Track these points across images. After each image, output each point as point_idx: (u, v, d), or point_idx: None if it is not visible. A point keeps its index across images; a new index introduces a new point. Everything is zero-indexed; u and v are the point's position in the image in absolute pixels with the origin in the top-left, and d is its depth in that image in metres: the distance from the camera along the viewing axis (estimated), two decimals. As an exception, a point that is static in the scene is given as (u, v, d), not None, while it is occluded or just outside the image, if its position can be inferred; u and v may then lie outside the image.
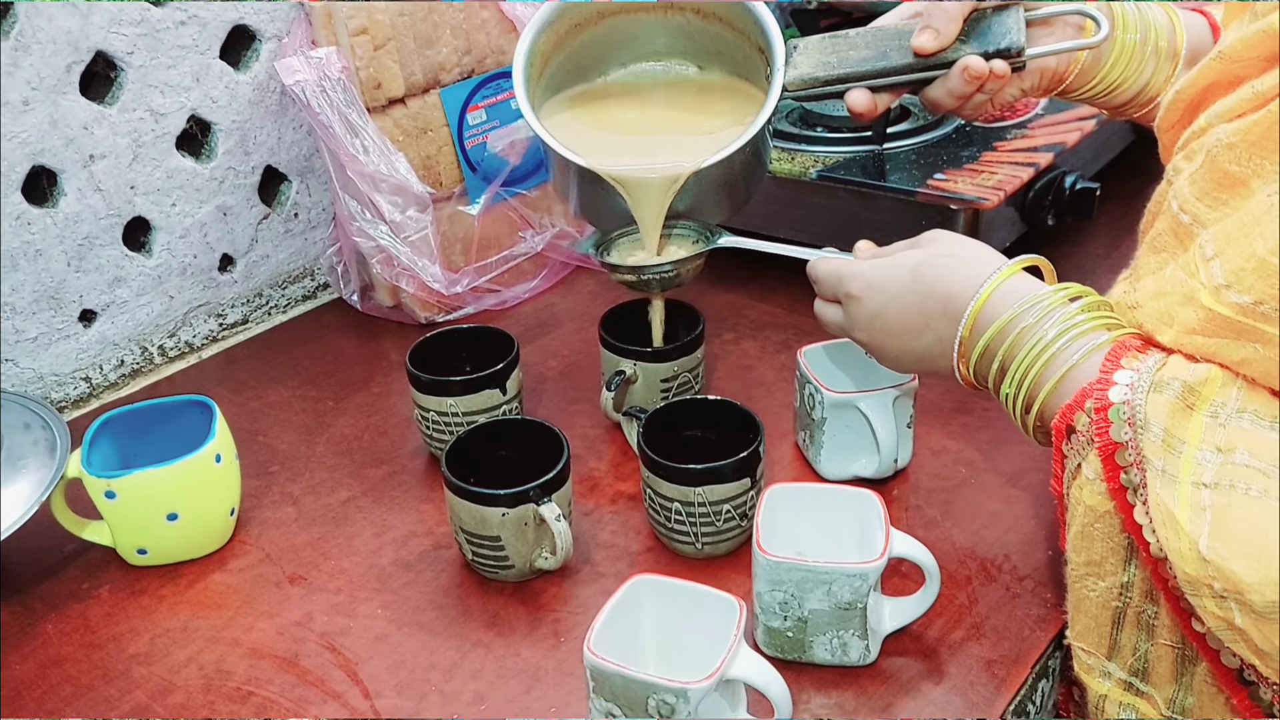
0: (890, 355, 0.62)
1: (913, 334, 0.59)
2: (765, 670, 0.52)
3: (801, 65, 0.70)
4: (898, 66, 0.68)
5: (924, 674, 0.59)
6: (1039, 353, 0.53)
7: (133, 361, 0.90)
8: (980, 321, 0.56)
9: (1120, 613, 0.51)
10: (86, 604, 0.67)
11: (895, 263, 0.61)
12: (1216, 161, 0.51)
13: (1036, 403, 0.54)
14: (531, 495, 0.63)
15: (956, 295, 0.57)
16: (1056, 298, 0.55)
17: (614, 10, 0.74)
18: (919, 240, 0.63)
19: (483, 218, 0.94)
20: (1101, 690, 0.53)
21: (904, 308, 0.59)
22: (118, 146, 0.82)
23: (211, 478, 0.68)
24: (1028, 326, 0.54)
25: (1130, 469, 0.48)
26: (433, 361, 0.75)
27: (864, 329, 0.62)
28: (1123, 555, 0.50)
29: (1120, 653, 0.52)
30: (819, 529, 0.62)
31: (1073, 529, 0.52)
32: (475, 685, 0.59)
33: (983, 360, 0.57)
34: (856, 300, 0.61)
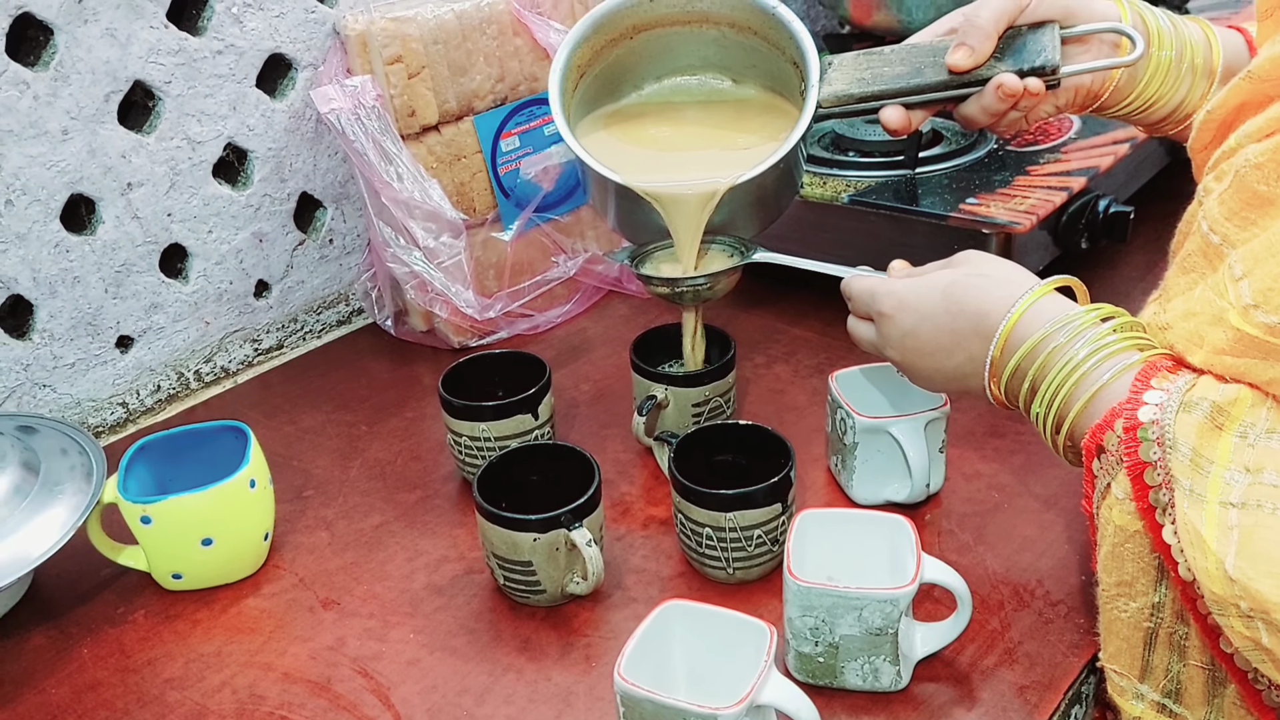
0: (922, 374, 0.62)
1: (945, 353, 0.59)
2: (796, 696, 0.52)
3: (836, 82, 0.70)
4: (932, 84, 0.68)
5: (956, 700, 0.58)
6: (1069, 372, 0.54)
7: (169, 387, 0.91)
8: (1012, 341, 0.56)
9: (1152, 634, 0.51)
10: (122, 628, 0.67)
11: (928, 282, 0.61)
12: (1245, 181, 0.51)
13: (1066, 422, 0.54)
14: (563, 520, 0.63)
15: (988, 314, 0.57)
16: (1088, 318, 0.55)
17: (648, 24, 0.75)
18: (952, 260, 0.63)
19: (515, 243, 0.94)
20: (1135, 712, 0.53)
21: (936, 326, 0.59)
22: (155, 175, 0.84)
23: (246, 503, 0.68)
24: (1059, 346, 0.54)
25: (1159, 489, 0.48)
26: (466, 386, 0.75)
27: (896, 347, 0.62)
28: (1153, 576, 0.50)
29: (1153, 674, 0.52)
30: (850, 554, 0.62)
31: (1103, 549, 0.52)
32: (507, 710, 0.59)
33: (1014, 380, 0.57)
34: (889, 318, 0.62)
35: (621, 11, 0.74)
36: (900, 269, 0.66)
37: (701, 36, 0.76)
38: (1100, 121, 0.99)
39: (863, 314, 0.65)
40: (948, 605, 0.61)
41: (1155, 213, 0.98)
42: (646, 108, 0.78)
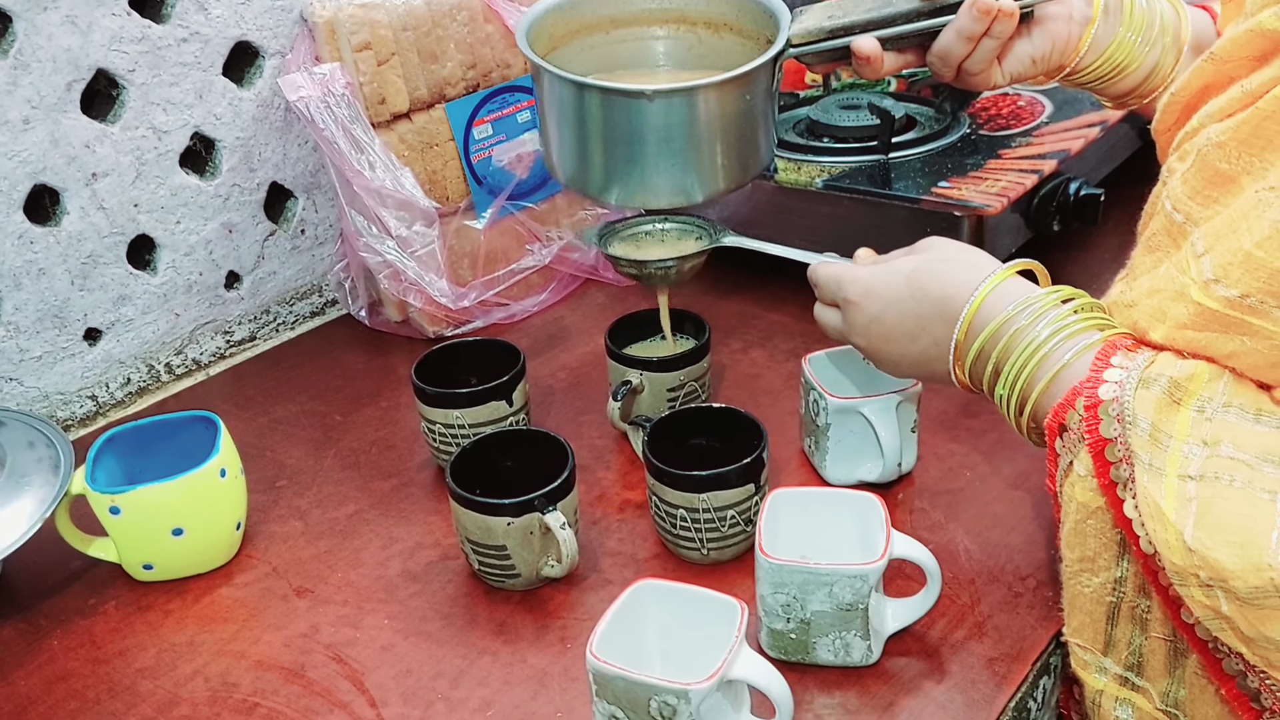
0: (888, 360, 0.62)
1: (909, 338, 0.60)
2: (767, 670, 0.52)
3: (806, 20, 0.70)
4: (905, 12, 0.68)
5: (926, 673, 0.59)
6: (1031, 353, 0.54)
7: (139, 379, 0.90)
8: (975, 324, 0.57)
9: (1114, 608, 0.52)
10: (92, 620, 0.67)
11: (892, 268, 0.62)
12: (1207, 160, 0.52)
13: (1029, 403, 0.55)
14: (536, 504, 0.63)
15: (952, 299, 0.58)
16: (1049, 299, 0.55)
17: (625, 21, 0.74)
18: (916, 247, 0.63)
19: (489, 231, 0.94)
20: (1098, 686, 0.53)
21: (901, 312, 0.60)
22: (120, 164, 0.83)
23: (217, 492, 0.68)
24: (1021, 328, 0.55)
25: (1120, 464, 0.49)
26: (439, 375, 0.75)
27: (862, 334, 0.62)
28: (1115, 551, 0.51)
29: (1115, 648, 0.52)
30: (822, 533, 0.62)
31: (1066, 526, 0.52)
32: (482, 692, 0.59)
33: (978, 363, 0.57)
34: (854, 305, 0.62)
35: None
36: (866, 256, 0.66)
37: (678, 40, 0.76)
38: (1072, 105, 1.00)
39: (829, 301, 0.65)
40: (919, 581, 0.61)
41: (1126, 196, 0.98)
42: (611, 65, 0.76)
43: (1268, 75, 0.50)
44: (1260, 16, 0.51)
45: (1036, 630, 0.61)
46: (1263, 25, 0.51)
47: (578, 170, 0.70)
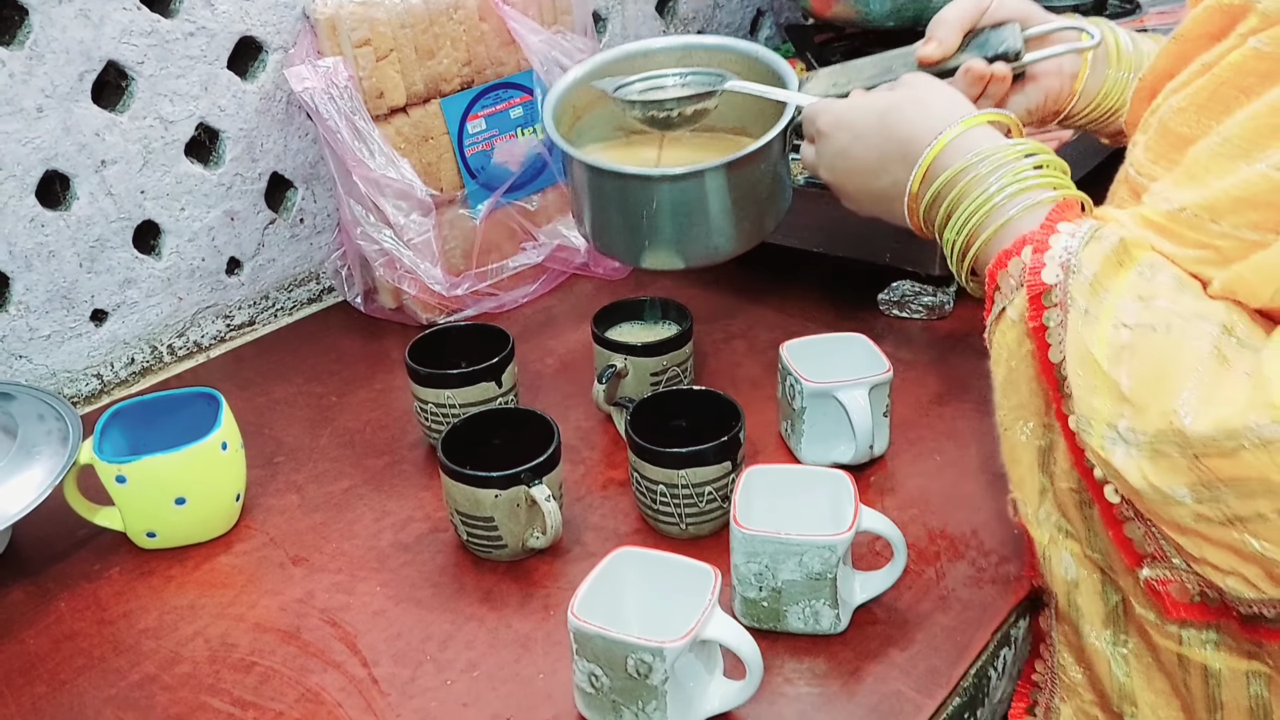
0: (850, 194, 0.64)
1: (871, 174, 0.61)
2: (738, 632, 0.55)
3: (814, 89, 0.73)
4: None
5: (891, 641, 0.62)
6: (983, 202, 0.56)
7: (143, 360, 0.93)
8: (933, 169, 0.58)
9: (1045, 452, 0.54)
10: (98, 584, 0.70)
11: (867, 102, 0.62)
12: (1168, 126, 0.54)
13: (973, 249, 0.57)
14: (523, 478, 0.66)
15: (915, 140, 0.59)
16: (1012, 151, 0.56)
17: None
18: (896, 83, 0.64)
19: (484, 224, 0.97)
20: (1043, 540, 0.56)
21: (866, 147, 0.61)
22: (128, 152, 0.86)
23: (218, 464, 0.71)
24: (977, 177, 0.56)
25: (1053, 308, 0.51)
26: (432, 357, 0.78)
27: (828, 166, 0.64)
28: (1044, 397, 0.53)
29: (1046, 496, 0.55)
30: (795, 508, 0.65)
31: (999, 374, 0.54)
32: (468, 654, 0.62)
33: (932, 207, 0.59)
34: (825, 136, 0.63)
35: (621, 64, 0.78)
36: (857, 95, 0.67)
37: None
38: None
39: (808, 136, 0.67)
40: (887, 557, 0.64)
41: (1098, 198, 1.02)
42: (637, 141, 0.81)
43: (1225, 47, 0.53)
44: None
45: (997, 603, 0.64)
46: (1220, 1, 0.53)
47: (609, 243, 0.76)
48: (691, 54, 0.79)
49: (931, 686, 0.59)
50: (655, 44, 0.80)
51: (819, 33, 1.27)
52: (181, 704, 0.60)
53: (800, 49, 1.20)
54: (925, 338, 0.92)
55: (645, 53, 0.79)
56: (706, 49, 0.79)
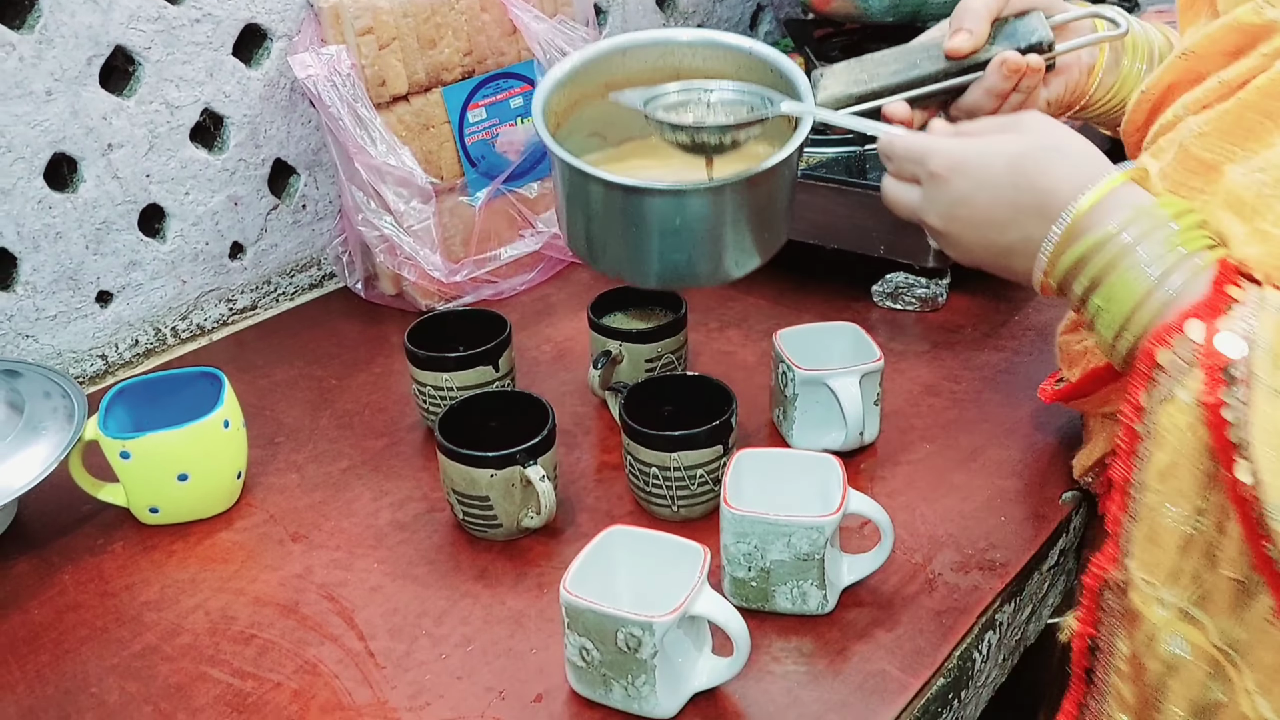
0: (963, 245, 0.58)
1: (998, 227, 0.56)
2: (725, 608, 0.56)
3: (831, 87, 0.68)
4: (932, 73, 0.67)
5: (877, 622, 0.63)
6: (1139, 273, 0.51)
7: (146, 342, 0.94)
8: (1078, 228, 0.53)
9: (1189, 539, 0.50)
10: (101, 558, 0.71)
11: (993, 147, 0.56)
12: (1190, 152, 0.53)
13: (1132, 323, 0.52)
14: (518, 458, 0.67)
15: (1056, 194, 0.54)
16: (1161, 214, 0.52)
17: (620, 82, 0.70)
18: (1017, 123, 0.58)
19: (483, 212, 0.99)
20: (1156, 619, 0.52)
21: (994, 198, 0.55)
22: (135, 137, 0.88)
23: (220, 441, 0.72)
24: (1131, 243, 0.52)
25: (1235, 385, 0.47)
26: (430, 341, 0.79)
27: (942, 214, 0.57)
28: (1204, 481, 0.49)
29: (1180, 580, 0.51)
30: (784, 491, 0.66)
31: (1160, 458, 0.50)
32: (463, 630, 0.64)
33: (1075, 269, 0.54)
34: (941, 181, 0.57)
35: (596, 64, 0.70)
36: (944, 128, 0.61)
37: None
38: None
39: (907, 175, 0.60)
40: (876, 541, 0.65)
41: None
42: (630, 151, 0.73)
43: (1245, 66, 0.52)
44: (1236, 12, 0.53)
45: (983, 588, 0.66)
46: (1240, 20, 0.53)
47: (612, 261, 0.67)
48: (673, 50, 0.71)
49: (916, 666, 0.61)
50: (637, 39, 0.71)
51: (818, 27, 1.28)
52: (182, 674, 0.61)
53: (799, 44, 1.21)
54: (918, 329, 0.94)
55: (625, 49, 0.71)
56: (691, 46, 0.71)
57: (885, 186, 0.61)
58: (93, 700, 0.60)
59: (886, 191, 0.61)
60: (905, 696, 0.59)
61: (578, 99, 0.71)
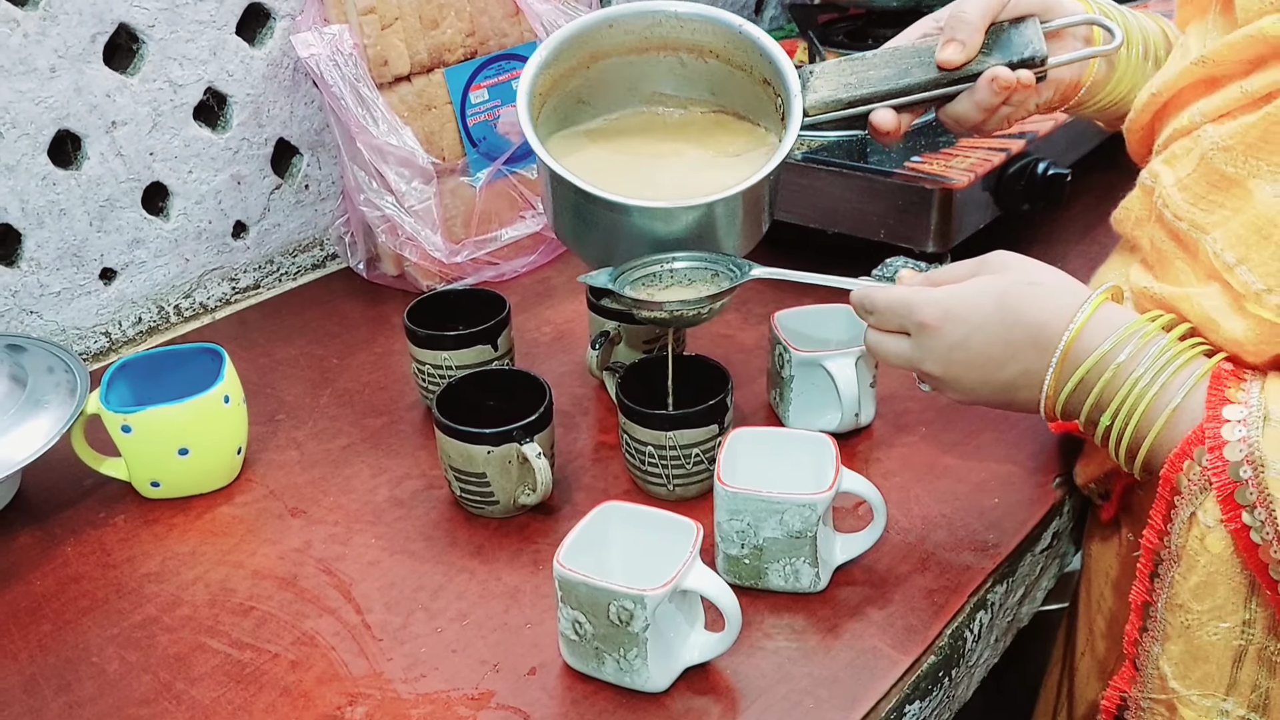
0: (966, 387, 0.59)
1: (996, 365, 0.57)
2: (717, 583, 0.57)
3: (821, 89, 0.68)
4: (922, 82, 0.67)
5: (869, 600, 0.64)
6: (1140, 393, 0.53)
7: (150, 319, 0.95)
8: (1074, 355, 0.55)
9: (1242, 651, 0.51)
10: (103, 530, 0.72)
11: (976, 290, 0.58)
12: (1212, 164, 0.53)
13: (1144, 448, 0.54)
14: (515, 435, 0.68)
15: (1046, 325, 0.56)
16: (1151, 328, 0.54)
17: (605, 53, 0.72)
18: (988, 264, 0.60)
19: (484, 193, 0.99)
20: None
21: (988, 338, 0.57)
22: (138, 115, 0.88)
23: (220, 416, 0.73)
24: (1123, 364, 0.54)
25: (1253, 508, 0.48)
26: (430, 320, 0.80)
27: (940, 361, 0.59)
28: (1243, 594, 0.51)
29: (1238, 689, 0.52)
30: (778, 470, 0.67)
31: (1192, 578, 0.51)
32: (459, 604, 0.64)
33: (1076, 394, 0.56)
34: (933, 330, 0.58)
35: (580, 37, 0.70)
36: (911, 276, 0.63)
37: (658, 65, 0.73)
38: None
39: (893, 327, 0.61)
40: (869, 521, 0.66)
41: (1096, 182, 1.04)
42: (621, 125, 0.75)
43: (1271, 78, 0.52)
44: (1262, 23, 0.53)
45: (974, 568, 0.66)
46: (1265, 31, 0.52)
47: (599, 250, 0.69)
48: (662, 22, 0.71)
49: (908, 644, 0.61)
50: (622, 11, 0.70)
51: (822, 12, 1.28)
52: (181, 644, 0.62)
53: (804, 29, 1.21)
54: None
55: (610, 21, 0.70)
56: (680, 18, 0.71)
57: (871, 340, 0.63)
58: (93, 669, 0.61)
59: (874, 345, 0.63)
60: (896, 672, 0.59)
61: (565, 73, 0.71)
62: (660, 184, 0.70)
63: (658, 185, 0.70)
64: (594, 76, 0.73)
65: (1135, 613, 0.55)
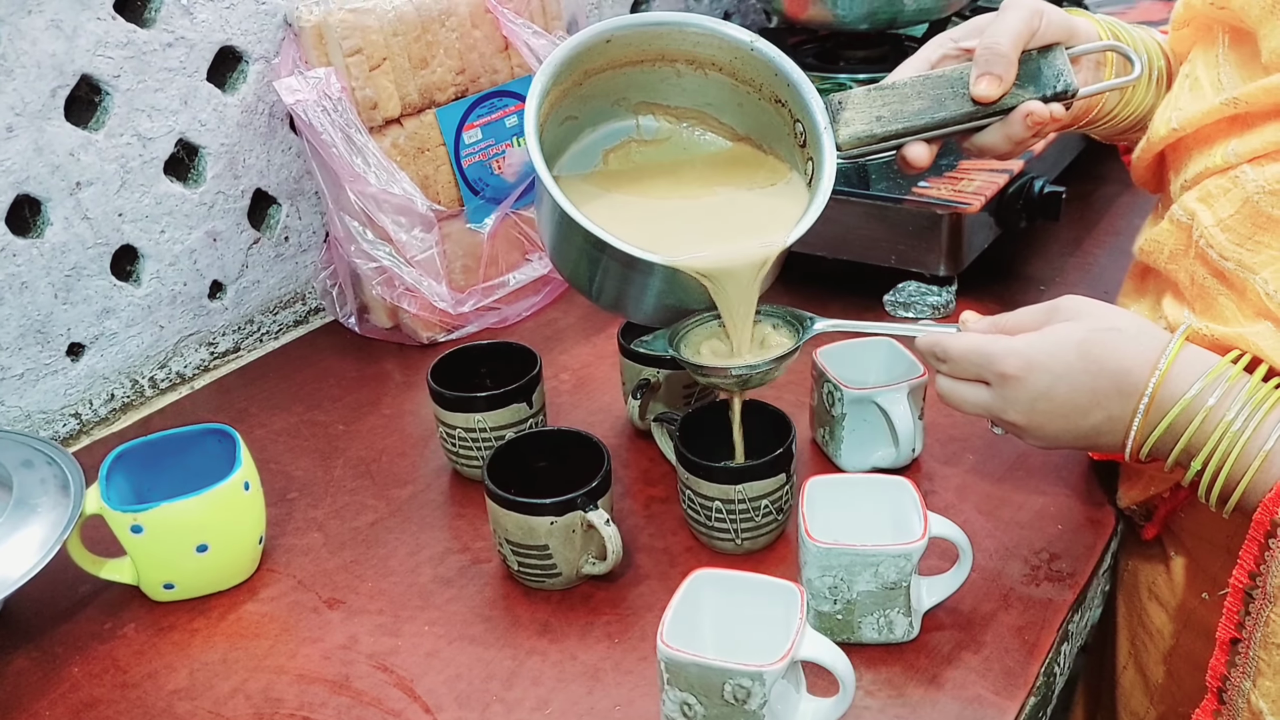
0: (1049, 435, 0.59)
1: (1081, 413, 0.57)
2: (831, 649, 0.54)
3: (853, 122, 0.66)
4: (957, 116, 0.66)
5: (962, 644, 0.61)
6: (1233, 436, 0.53)
7: (123, 395, 0.87)
8: (1161, 400, 0.55)
9: None
10: (112, 644, 0.64)
11: (1057, 339, 0.58)
12: (1258, 207, 0.54)
13: (1237, 491, 0.54)
14: (579, 503, 0.63)
15: (1130, 372, 0.56)
16: (1235, 370, 0.55)
17: (597, 69, 0.68)
18: (1060, 311, 0.60)
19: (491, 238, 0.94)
20: None
21: (1073, 386, 0.57)
22: (105, 173, 0.80)
23: (241, 506, 0.66)
24: (1213, 407, 0.54)
25: None
26: (450, 379, 0.74)
27: (1024, 411, 0.58)
28: None
29: None
30: (854, 517, 0.64)
31: None
32: (537, 691, 0.60)
33: (1165, 439, 0.56)
34: (1017, 380, 0.58)
35: (577, 57, 0.66)
36: (976, 321, 0.63)
37: (650, 75, 0.70)
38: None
39: (969, 376, 0.61)
40: (940, 558, 0.64)
41: (1077, 192, 1.05)
42: (629, 171, 0.71)
43: None
44: None
45: (1056, 600, 0.64)
46: None
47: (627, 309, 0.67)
48: (664, 35, 0.67)
49: (1010, 688, 0.59)
50: (620, 23, 0.66)
51: (792, 35, 1.27)
52: (233, 768, 0.56)
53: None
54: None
55: (608, 36, 0.66)
56: (684, 30, 0.67)
57: (946, 388, 0.62)
58: (136, 808, 0.54)
59: (949, 392, 0.62)
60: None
61: (558, 95, 0.67)
62: (688, 235, 0.66)
63: (686, 235, 0.66)
64: (585, 92, 0.69)
65: (1221, 649, 0.55)
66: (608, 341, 0.92)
